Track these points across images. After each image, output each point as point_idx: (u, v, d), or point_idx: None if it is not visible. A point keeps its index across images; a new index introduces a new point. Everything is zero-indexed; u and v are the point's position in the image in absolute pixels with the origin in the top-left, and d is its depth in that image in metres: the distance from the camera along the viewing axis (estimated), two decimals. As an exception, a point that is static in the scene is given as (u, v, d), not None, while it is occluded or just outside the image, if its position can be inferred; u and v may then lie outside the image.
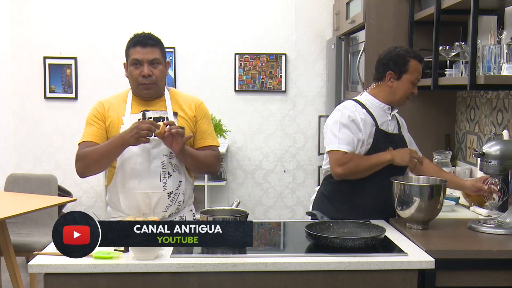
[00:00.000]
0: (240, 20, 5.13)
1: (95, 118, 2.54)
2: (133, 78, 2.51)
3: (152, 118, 2.51)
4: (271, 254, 2.10)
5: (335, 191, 2.65)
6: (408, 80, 2.60)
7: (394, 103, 2.66)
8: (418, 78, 2.63)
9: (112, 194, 2.58)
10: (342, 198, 2.63)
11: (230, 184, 5.23)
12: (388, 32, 3.80)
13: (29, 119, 5.18)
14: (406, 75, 2.60)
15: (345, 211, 2.57)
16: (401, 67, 2.59)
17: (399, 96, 2.63)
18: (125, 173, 2.49)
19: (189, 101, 2.62)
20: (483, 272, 2.11)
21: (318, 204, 2.71)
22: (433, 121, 3.89)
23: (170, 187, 2.50)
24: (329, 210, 2.59)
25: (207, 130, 2.61)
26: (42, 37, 5.11)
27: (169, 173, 2.49)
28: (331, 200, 2.66)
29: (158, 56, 2.51)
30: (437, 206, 2.35)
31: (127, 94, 2.59)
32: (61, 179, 5.01)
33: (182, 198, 2.55)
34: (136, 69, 2.49)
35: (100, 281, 1.95)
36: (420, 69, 2.63)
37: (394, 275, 2.00)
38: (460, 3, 3.02)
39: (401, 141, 2.69)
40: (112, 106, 2.55)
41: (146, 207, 2.49)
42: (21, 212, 3.46)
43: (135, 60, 2.48)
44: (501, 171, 2.35)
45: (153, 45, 2.51)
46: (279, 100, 5.19)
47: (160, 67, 2.51)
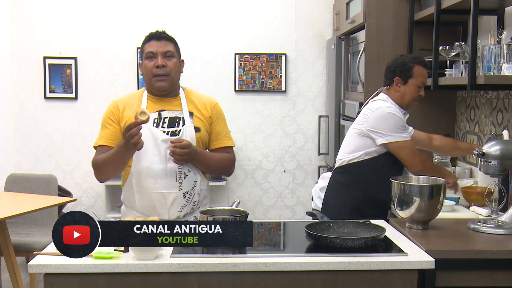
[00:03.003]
0: (240, 20, 5.13)
1: (109, 120, 2.54)
2: (147, 70, 2.51)
3: (168, 118, 2.52)
4: (271, 254, 2.09)
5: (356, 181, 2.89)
6: (414, 84, 2.90)
7: (404, 106, 2.92)
8: (423, 81, 2.91)
9: (128, 194, 2.58)
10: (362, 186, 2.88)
11: (230, 184, 5.23)
12: (388, 32, 3.80)
13: (29, 119, 5.18)
14: (412, 79, 2.89)
15: (362, 200, 2.86)
16: (407, 72, 2.89)
17: (407, 99, 2.91)
18: (141, 172, 2.49)
19: (204, 101, 2.62)
20: (483, 272, 2.10)
21: (334, 192, 2.96)
22: (433, 121, 3.89)
23: (185, 187, 2.50)
24: (345, 197, 2.89)
25: (222, 131, 2.62)
26: (42, 37, 5.11)
27: (185, 173, 2.50)
28: (350, 188, 2.90)
29: (172, 49, 2.54)
30: (437, 206, 2.35)
31: (142, 93, 2.59)
32: (61, 179, 5.01)
33: (197, 199, 2.55)
34: (150, 62, 2.50)
35: (100, 281, 1.95)
36: (425, 73, 2.92)
37: (394, 275, 2.00)
38: (460, 3, 3.02)
39: None
40: (127, 106, 2.55)
41: (162, 207, 2.49)
42: (21, 212, 3.46)
43: (150, 53, 2.51)
44: (501, 171, 2.35)
45: (167, 39, 2.55)
46: (279, 100, 5.19)
47: (174, 60, 2.53)
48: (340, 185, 2.95)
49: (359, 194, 2.89)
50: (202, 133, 2.54)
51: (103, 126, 2.56)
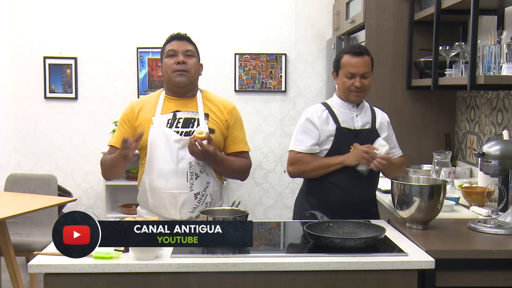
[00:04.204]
0: (240, 20, 5.12)
1: (122, 122, 2.62)
2: (168, 67, 2.55)
3: (183, 118, 2.54)
4: (271, 254, 2.10)
5: (309, 187, 2.74)
6: (342, 75, 2.67)
7: (344, 99, 2.70)
8: (350, 71, 2.63)
9: (142, 193, 2.61)
10: (314, 192, 2.71)
11: (230, 184, 5.23)
12: (388, 32, 3.80)
13: (29, 119, 5.17)
14: (340, 70, 2.68)
15: (316, 206, 2.61)
16: (336, 64, 2.70)
17: (342, 91, 2.69)
18: (153, 172, 2.52)
19: (222, 104, 2.63)
20: (483, 272, 2.10)
21: (298, 199, 2.83)
22: (433, 121, 3.89)
23: (197, 188, 2.51)
24: (303, 204, 2.72)
25: (239, 136, 2.62)
26: (42, 37, 5.11)
27: (196, 174, 2.50)
28: (306, 195, 2.75)
29: (192, 49, 2.59)
30: (437, 206, 2.35)
31: (160, 94, 2.64)
32: (61, 179, 5.01)
33: (210, 200, 2.56)
34: (171, 59, 2.55)
35: (100, 281, 1.95)
36: (352, 62, 2.62)
37: (394, 275, 2.00)
38: (460, 3, 3.02)
39: (371, 136, 2.68)
40: (144, 107, 2.60)
41: (173, 207, 2.50)
42: (21, 212, 3.46)
43: (171, 51, 2.55)
44: (501, 171, 2.35)
45: (188, 40, 2.61)
46: (279, 100, 5.19)
47: (194, 59, 2.58)
48: (301, 193, 2.83)
49: (312, 200, 2.71)
50: (217, 135, 2.54)
51: (118, 127, 2.64)
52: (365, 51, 2.67)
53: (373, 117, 2.73)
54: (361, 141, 2.63)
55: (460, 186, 3.16)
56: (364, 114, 2.71)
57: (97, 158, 5.09)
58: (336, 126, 2.64)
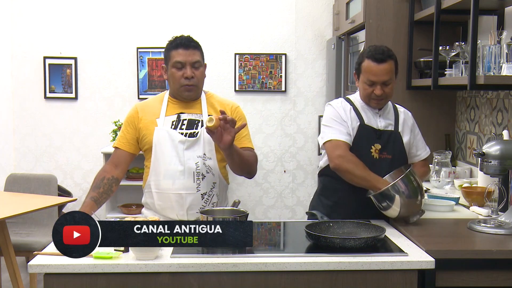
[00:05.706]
0: (240, 20, 5.12)
1: (126, 124, 2.63)
2: (175, 80, 2.54)
3: (187, 120, 2.56)
4: (271, 254, 2.09)
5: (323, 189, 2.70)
6: (362, 81, 2.54)
7: (365, 102, 2.60)
8: (370, 78, 2.49)
9: (147, 195, 2.62)
10: (327, 194, 2.66)
11: (230, 184, 5.19)
12: (388, 32, 3.80)
13: (29, 119, 5.17)
14: (361, 75, 2.55)
15: (329, 207, 2.60)
16: (357, 67, 2.57)
17: (362, 96, 2.60)
18: (159, 174, 2.53)
19: (225, 105, 2.64)
20: (483, 272, 2.10)
21: (312, 201, 2.79)
22: (433, 121, 3.89)
23: (203, 189, 2.52)
24: (318, 206, 2.66)
25: (243, 133, 2.61)
26: (42, 37, 5.11)
27: (203, 175, 2.52)
28: (320, 197, 2.71)
29: (199, 58, 2.57)
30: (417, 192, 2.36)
31: (164, 96, 2.65)
32: (61, 179, 5.01)
33: (216, 200, 2.58)
34: (179, 71, 2.53)
35: (100, 281, 1.95)
36: (373, 69, 2.48)
37: (394, 275, 2.00)
38: (460, 3, 3.02)
39: (393, 138, 2.60)
40: (147, 109, 2.61)
41: (180, 208, 2.51)
42: (21, 212, 3.46)
43: (178, 63, 2.52)
44: (501, 171, 2.35)
45: (195, 47, 2.57)
46: (279, 100, 5.19)
47: (201, 70, 2.58)
48: (315, 194, 2.79)
49: (325, 201, 2.67)
50: None
51: (122, 129, 2.66)
52: (388, 56, 2.49)
53: (396, 118, 2.65)
54: (383, 142, 2.57)
55: (460, 186, 3.16)
56: (387, 115, 2.64)
57: (97, 158, 5.10)
58: (360, 123, 2.56)
